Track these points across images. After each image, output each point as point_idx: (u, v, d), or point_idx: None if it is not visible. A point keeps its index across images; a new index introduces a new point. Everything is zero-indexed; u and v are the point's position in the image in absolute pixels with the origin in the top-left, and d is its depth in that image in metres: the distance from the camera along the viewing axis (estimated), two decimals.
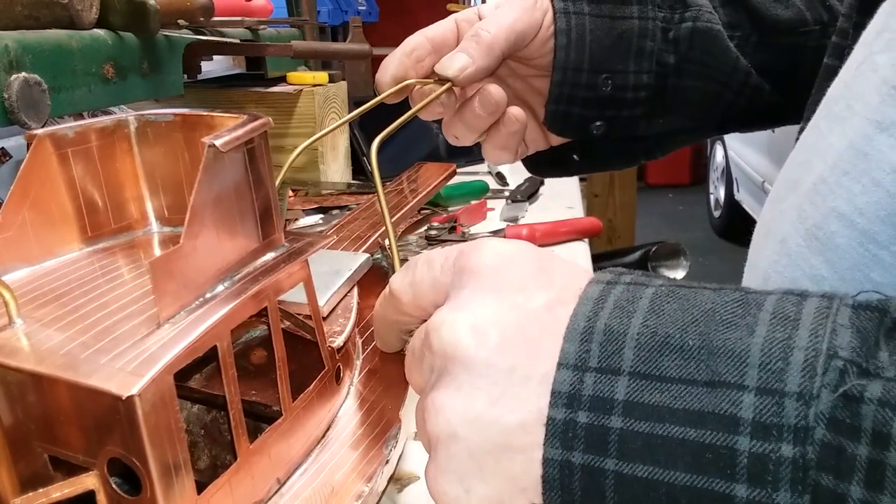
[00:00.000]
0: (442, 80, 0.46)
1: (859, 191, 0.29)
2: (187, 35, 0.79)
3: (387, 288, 0.33)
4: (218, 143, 0.31)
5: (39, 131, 0.36)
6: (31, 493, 0.28)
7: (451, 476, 0.26)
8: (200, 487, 0.30)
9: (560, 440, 0.24)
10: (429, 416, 0.27)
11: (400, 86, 0.46)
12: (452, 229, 0.89)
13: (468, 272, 0.29)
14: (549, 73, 0.49)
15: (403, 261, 0.35)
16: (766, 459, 0.21)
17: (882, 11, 0.32)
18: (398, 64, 0.47)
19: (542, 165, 0.56)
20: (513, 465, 0.25)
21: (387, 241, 0.57)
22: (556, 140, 0.53)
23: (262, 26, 1.00)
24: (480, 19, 0.47)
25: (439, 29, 0.48)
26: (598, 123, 0.50)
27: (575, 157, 0.55)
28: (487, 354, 0.26)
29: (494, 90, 0.47)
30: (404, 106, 0.49)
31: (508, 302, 0.27)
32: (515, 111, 0.48)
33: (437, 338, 0.27)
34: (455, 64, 0.45)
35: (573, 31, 0.48)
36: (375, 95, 0.47)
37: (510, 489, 0.25)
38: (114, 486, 0.28)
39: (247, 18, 0.98)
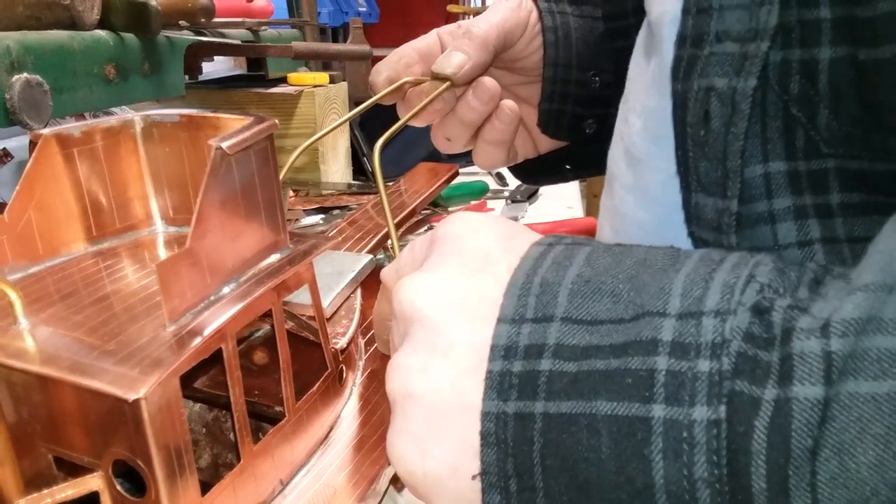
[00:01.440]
0: (438, 79, 0.46)
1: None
2: (188, 36, 0.79)
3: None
4: (225, 145, 0.31)
5: (45, 131, 0.36)
6: (35, 494, 0.28)
7: (408, 438, 0.25)
8: (203, 486, 0.30)
9: (496, 391, 0.24)
10: (388, 378, 0.27)
11: (395, 85, 0.47)
12: None
13: (437, 241, 0.29)
14: (534, 77, 0.50)
15: None
16: (683, 377, 0.21)
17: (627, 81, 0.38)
18: (391, 66, 0.48)
19: (532, 173, 0.57)
20: (467, 425, 0.24)
21: (389, 242, 0.57)
22: (545, 146, 0.53)
23: (262, 27, 1.00)
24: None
25: (424, 42, 0.49)
26: (590, 121, 0.51)
27: (567, 166, 0.56)
28: (445, 314, 0.26)
29: (488, 81, 0.47)
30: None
31: (471, 264, 0.27)
32: (509, 103, 0.49)
33: (398, 301, 0.27)
34: (453, 61, 0.46)
35: (559, 28, 0.49)
36: (373, 96, 0.47)
37: (464, 450, 0.24)
38: (118, 487, 0.28)
39: (248, 19, 0.98)
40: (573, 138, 0.52)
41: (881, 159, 0.28)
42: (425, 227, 0.90)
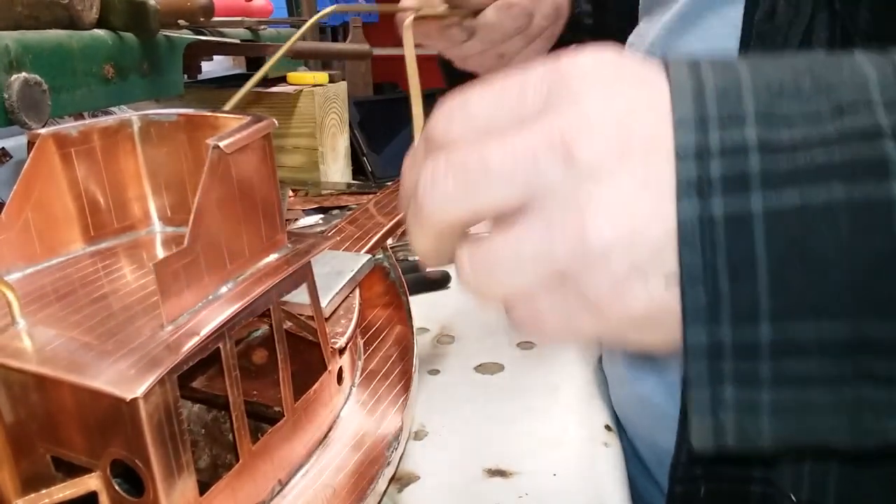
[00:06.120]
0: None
1: None
2: (187, 35, 0.79)
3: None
4: (222, 144, 0.31)
5: (43, 131, 0.36)
6: (33, 494, 0.28)
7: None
8: (202, 487, 0.30)
9: (695, 190, 0.22)
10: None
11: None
12: None
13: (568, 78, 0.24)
14: None
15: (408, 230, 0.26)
16: None
17: None
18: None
19: None
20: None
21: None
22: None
23: (262, 26, 1.00)
24: None
25: None
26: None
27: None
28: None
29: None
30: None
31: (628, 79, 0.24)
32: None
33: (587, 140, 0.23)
34: None
35: None
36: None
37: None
38: (116, 487, 0.28)
39: (247, 19, 0.98)
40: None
41: None
42: None
